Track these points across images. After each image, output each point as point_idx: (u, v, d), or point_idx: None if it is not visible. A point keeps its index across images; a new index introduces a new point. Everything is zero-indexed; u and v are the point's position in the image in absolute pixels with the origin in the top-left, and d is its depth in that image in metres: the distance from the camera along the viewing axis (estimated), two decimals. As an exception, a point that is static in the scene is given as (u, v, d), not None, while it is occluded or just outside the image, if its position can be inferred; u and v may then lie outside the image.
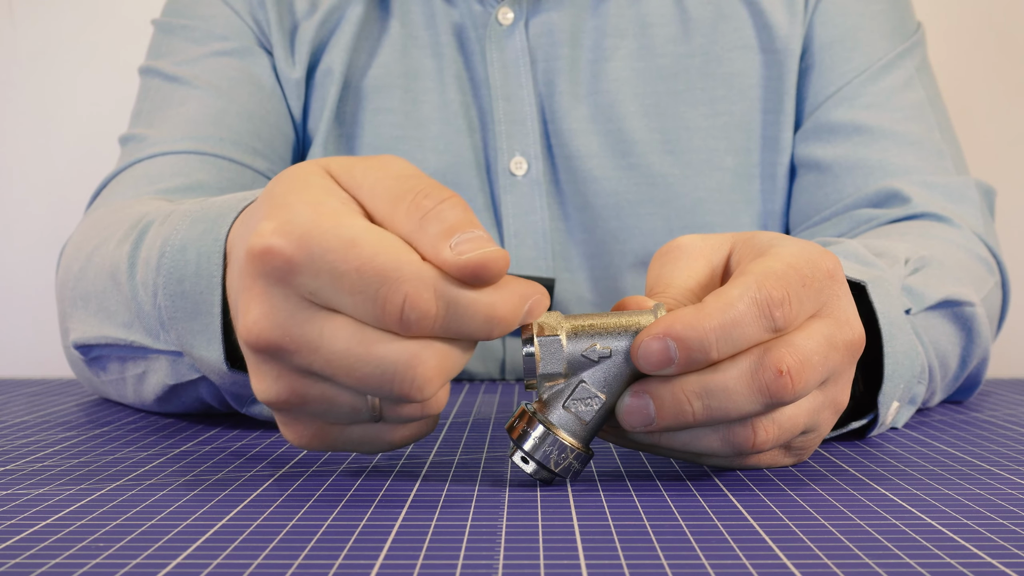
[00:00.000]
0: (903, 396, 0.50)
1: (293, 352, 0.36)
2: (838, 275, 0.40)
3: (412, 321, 0.34)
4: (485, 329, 0.36)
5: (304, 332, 0.35)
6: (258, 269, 0.35)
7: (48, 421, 0.58)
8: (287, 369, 0.36)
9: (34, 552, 0.32)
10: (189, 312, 0.46)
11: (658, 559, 0.31)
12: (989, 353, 0.62)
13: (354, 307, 0.35)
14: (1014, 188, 1.08)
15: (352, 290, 0.34)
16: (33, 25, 1.13)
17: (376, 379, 0.35)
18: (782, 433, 0.39)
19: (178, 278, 0.46)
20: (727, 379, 0.37)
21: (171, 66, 0.75)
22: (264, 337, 0.36)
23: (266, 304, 0.35)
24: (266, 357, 0.36)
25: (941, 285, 0.57)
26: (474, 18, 0.77)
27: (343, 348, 0.35)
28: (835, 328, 0.39)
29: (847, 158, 0.73)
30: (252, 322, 0.36)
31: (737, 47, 0.76)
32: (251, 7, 0.76)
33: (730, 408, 0.37)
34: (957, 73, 1.08)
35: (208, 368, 0.47)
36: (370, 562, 0.31)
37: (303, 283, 0.35)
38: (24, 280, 1.13)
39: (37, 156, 1.14)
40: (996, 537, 0.33)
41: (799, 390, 0.37)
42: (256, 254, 0.35)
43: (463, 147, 0.76)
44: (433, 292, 0.35)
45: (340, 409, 0.38)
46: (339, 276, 0.34)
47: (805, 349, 0.38)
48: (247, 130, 0.73)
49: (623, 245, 0.76)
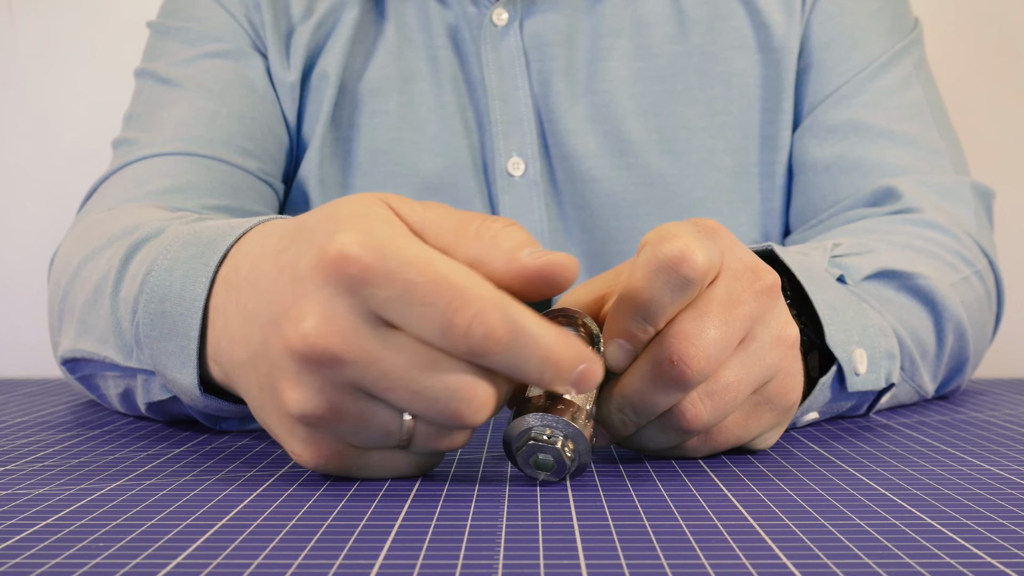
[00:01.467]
0: (865, 343, 0.52)
1: (349, 363, 0.35)
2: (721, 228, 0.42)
3: (477, 339, 0.35)
4: (538, 370, 0.36)
5: (365, 344, 0.35)
6: (327, 277, 0.35)
7: (48, 421, 0.58)
8: (333, 382, 0.36)
9: (34, 552, 0.32)
10: (166, 332, 0.45)
11: (658, 559, 0.31)
12: (966, 328, 0.61)
13: (421, 320, 0.35)
14: (1014, 188, 1.08)
15: (424, 301, 0.34)
16: (33, 25, 1.13)
17: (433, 398, 0.36)
18: (718, 401, 0.41)
19: (160, 297, 0.45)
20: (636, 383, 0.41)
21: (165, 68, 0.75)
22: (321, 345, 0.35)
23: (329, 312, 0.35)
24: (314, 367, 0.36)
25: (878, 260, 0.59)
26: (468, 19, 0.77)
27: (404, 363, 0.35)
28: (735, 282, 0.41)
29: (844, 158, 0.73)
30: (310, 329, 0.35)
31: (734, 46, 0.76)
32: (246, 10, 0.76)
33: (650, 407, 0.41)
34: (957, 73, 1.08)
35: (180, 390, 0.47)
36: (370, 562, 0.31)
37: (373, 294, 0.35)
38: (24, 280, 1.13)
39: (37, 156, 1.14)
40: (996, 537, 0.33)
41: (701, 369, 0.40)
42: (331, 260, 0.35)
43: (460, 149, 0.76)
44: (502, 314, 0.35)
45: (373, 431, 0.38)
46: (413, 287, 0.35)
47: (693, 330, 0.40)
48: (238, 131, 0.73)
49: (621, 245, 0.76)
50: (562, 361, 0.36)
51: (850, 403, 0.54)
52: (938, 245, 0.65)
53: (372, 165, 0.76)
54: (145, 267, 0.47)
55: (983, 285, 0.67)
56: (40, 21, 1.13)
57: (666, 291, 0.39)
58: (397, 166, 0.76)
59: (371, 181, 0.76)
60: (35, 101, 1.13)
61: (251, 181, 0.72)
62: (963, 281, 0.65)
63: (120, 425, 0.56)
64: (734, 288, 0.41)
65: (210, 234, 0.46)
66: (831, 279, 0.53)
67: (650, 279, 0.39)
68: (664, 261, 0.39)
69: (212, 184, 0.69)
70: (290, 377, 0.37)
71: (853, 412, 0.57)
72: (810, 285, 0.51)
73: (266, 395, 0.39)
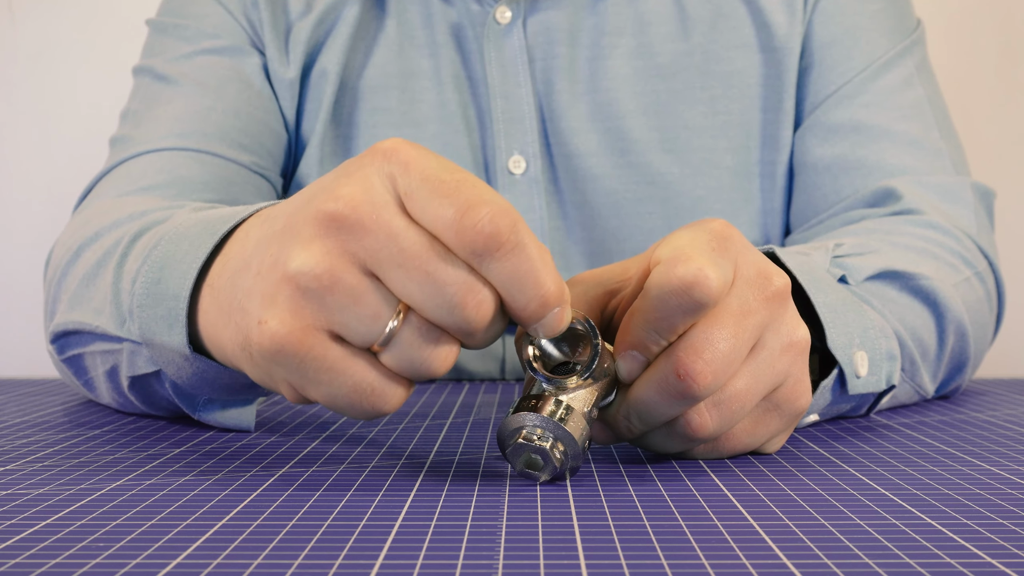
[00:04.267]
0: (866, 345, 0.52)
1: (371, 233, 0.36)
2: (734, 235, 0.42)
3: (485, 234, 0.36)
4: (530, 291, 0.37)
5: (393, 219, 0.37)
6: (373, 159, 0.37)
7: (48, 421, 0.58)
8: (345, 249, 0.37)
9: (34, 552, 0.32)
10: (158, 298, 0.46)
11: (658, 559, 0.31)
12: (967, 329, 0.61)
13: (439, 210, 0.36)
14: (1014, 188, 1.08)
15: (446, 193, 0.36)
16: (33, 25, 1.13)
17: (444, 282, 0.36)
18: (725, 410, 0.41)
19: (160, 265, 0.46)
20: (643, 393, 0.41)
21: (161, 64, 0.75)
22: (352, 208, 0.36)
23: (364, 184, 0.37)
24: (334, 231, 0.37)
25: (881, 261, 0.58)
26: (472, 17, 0.77)
27: (422, 246, 0.36)
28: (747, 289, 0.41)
29: (845, 158, 0.73)
30: (348, 195, 0.37)
31: (736, 46, 0.76)
32: (244, 7, 0.76)
33: (656, 416, 0.41)
34: (957, 73, 1.08)
35: (167, 360, 0.47)
36: (370, 562, 0.31)
37: (408, 182, 0.37)
38: (24, 280, 1.13)
39: (37, 155, 1.14)
40: (996, 537, 0.33)
41: (708, 383, 0.40)
42: (381, 150, 0.37)
43: (461, 146, 0.76)
44: (511, 220, 0.36)
45: (362, 310, 0.37)
46: (441, 183, 0.36)
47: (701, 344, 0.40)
48: (233, 126, 0.73)
49: (622, 244, 0.76)
50: (550, 293, 0.37)
51: (850, 405, 0.54)
52: (939, 246, 0.65)
53: None
54: (153, 241, 0.48)
55: (983, 286, 0.67)
56: (40, 21, 1.13)
57: (678, 313, 0.39)
58: None
59: None
60: (35, 101, 1.13)
61: (246, 175, 0.72)
62: (964, 282, 0.65)
63: (120, 425, 0.56)
64: (745, 297, 0.41)
65: (220, 214, 0.46)
66: (832, 280, 0.53)
67: (663, 300, 0.39)
68: (678, 285, 0.39)
69: (206, 178, 0.69)
70: (304, 240, 0.37)
71: (853, 413, 0.56)
72: (811, 287, 0.51)
73: (263, 263, 0.39)
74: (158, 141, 0.70)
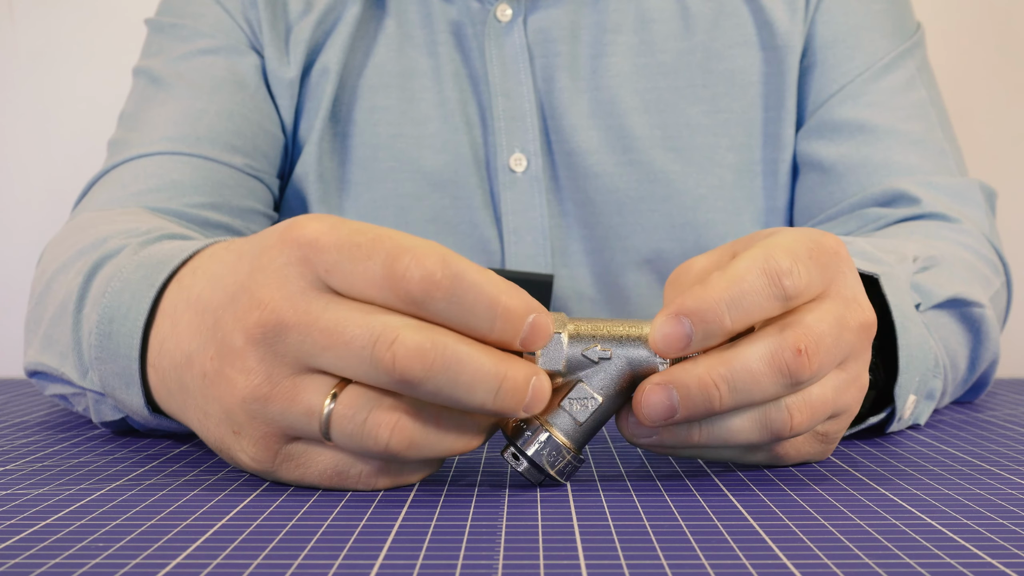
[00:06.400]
0: (919, 389, 0.51)
1: (292, 327, 0.36)
2: (842, 253, 0.41)
3: (415, 282, 0.35)
4: (488, 320, 0.36)
5: (310, 306, 0.36)
6: (282, 249, 0.37)
7: (48, 421, 0.58)
8: (275, 352, 0.37)
9: (34, 552, 0.32)
10: (111, 353, 0.46)
11: (658, 559, 0.31)
12: (998, 356, 0.62)
13: (364, 277, 0.36)
14: (1014, 188, 1.08)
15: (366, 256, 0.36)
16: (33, 25, 1.13)
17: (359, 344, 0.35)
18: (814, 414, 0.40)
19: (109, 318, 0.46)
20: (749, 361, 0.38)
21: (158, 66, 0.75)
22: (272, 311, 0.36)
23: (279, 280, 0.37)
24: (261, 337, 0.37)
25: (949, 284, 0.57)
26: (472, 15, 0.77)
27: (337, 321, 0.36)
28: (845, 308, 0.40)
29: (851, 157, 0.73)
30: (266, 299, 0.37)
31: (737, 44, 0.77)
32: (243, 7, 0.76)
33: (754, 391, 0.38)
34: (957, 73, 1.08)
35: (130, 411, 0.48)
36: (370, 562, 0.31)
37: (323, 260, 0.36)
38: (24, 280, 1.13)
39: (37, 156, 1.14)
40: (996, 537, 0.33)
41: (816, 369, 0.38)
42: (292, 236, 0.37)
43: (461, 144, 0.76)
44: (440, 258, 0.35)
45: (297, 409, 0.37)
46: (357, 247, 0.36)
47: (818, 329, 0.38)
48: (226, 128, 0.73)
49: (624, 242, 0.76)
50: (512, 309, 0.36)
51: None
52: (976, 255, 0.65)
53: (371, 160, 0.76)
54: (103, 288, 0.48)
55: (1006, 293, 0.68)
56: (40, 21, 1.13)
57: (761, 295, 0.38)
58: (397, 162, 0.76)
59: (370, 176, 0.76)
60: (35, 101, 1.13)
61: (239, 177, 0.72)
62: (996, 294, 0.65)
63: (120, 425, 0.56)
64: (843, 314, 0.40)
65: (160, 255, 0.47)
66: (914, 313, 0.51)
67: (754, 274, 0.38)
68: (773, 268, 0.38)
69: (197, 182, 0.69)
70: (237, 351, 0.37)
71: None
72: (900, 328, 0.49)
73: (206, 367, 0.39)
74: (151, 145, 0.70)
